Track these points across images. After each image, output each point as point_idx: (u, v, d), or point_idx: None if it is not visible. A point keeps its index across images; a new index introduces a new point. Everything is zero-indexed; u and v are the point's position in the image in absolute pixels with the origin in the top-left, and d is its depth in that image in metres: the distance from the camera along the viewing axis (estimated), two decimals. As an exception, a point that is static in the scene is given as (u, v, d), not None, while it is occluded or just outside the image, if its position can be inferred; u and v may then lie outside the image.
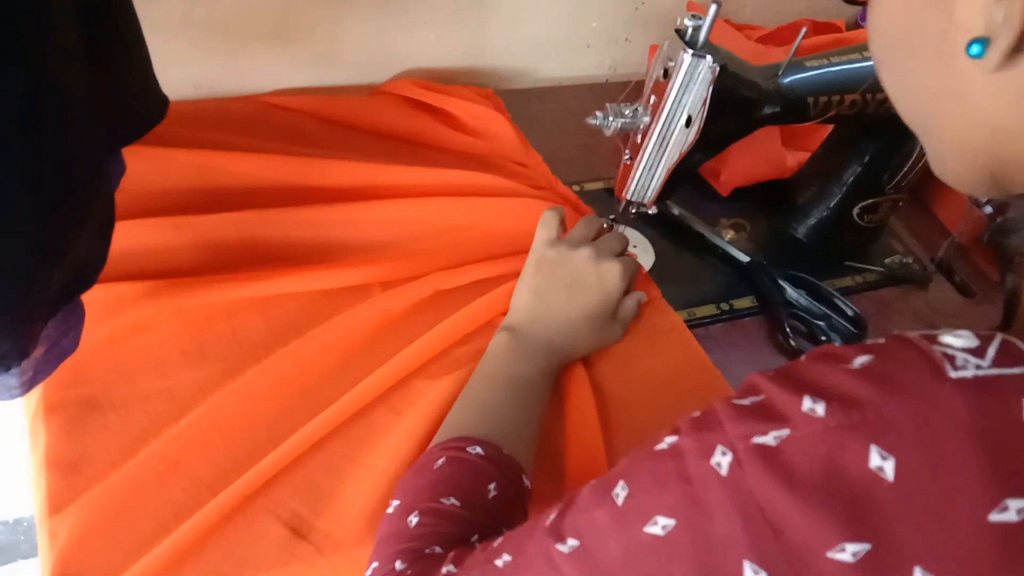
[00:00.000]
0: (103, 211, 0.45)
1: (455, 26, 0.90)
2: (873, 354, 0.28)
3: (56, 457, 0.55)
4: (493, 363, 0.62)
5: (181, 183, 0.71)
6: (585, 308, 0.65)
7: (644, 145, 0.67)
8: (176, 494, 0.54)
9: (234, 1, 0.78)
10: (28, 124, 0.35)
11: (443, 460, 0.51)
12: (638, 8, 0.98)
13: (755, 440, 0.28)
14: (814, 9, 1.09)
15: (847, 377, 0.28)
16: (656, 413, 0.65)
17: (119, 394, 0.58)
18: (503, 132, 0.87)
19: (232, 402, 0.59)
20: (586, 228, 0.70)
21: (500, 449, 0.52)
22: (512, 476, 0.52)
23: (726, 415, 0.30)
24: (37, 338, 0.42)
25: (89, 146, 0.40)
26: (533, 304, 0.66)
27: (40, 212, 0.37)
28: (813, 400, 0.28)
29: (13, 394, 0.50)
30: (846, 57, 0.70)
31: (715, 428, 0.30)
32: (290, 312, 0.66)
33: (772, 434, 0.28)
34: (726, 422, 0.30)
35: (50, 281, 0.41)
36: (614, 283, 0.66)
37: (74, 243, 0.41)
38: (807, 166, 0.87)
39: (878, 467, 0.26)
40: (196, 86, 0.84)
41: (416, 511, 0.48)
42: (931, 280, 0.85)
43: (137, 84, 0.49)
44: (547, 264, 0.67)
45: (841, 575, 0.26)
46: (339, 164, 0.76)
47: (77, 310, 0.50)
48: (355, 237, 0.73)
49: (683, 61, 0.61)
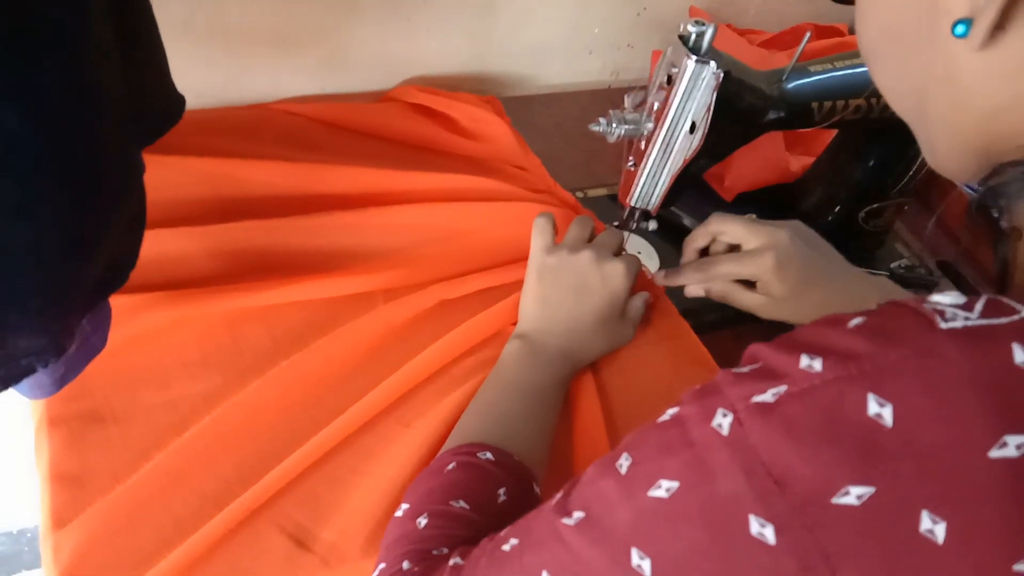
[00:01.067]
0: (134, 205, 0.45)
1: (458, 33, 0.90)
2: (867, 315, 0.29)
3: (59, 471, 0.54)
4: (507, 371, 0.61)
5: (181, 192, 0.71)
6: (594, 311, 0.65)
7: (648, 151, 0.67)
8: (180, 507, 0.54)
9: (236, 8, 0.78)
10: (65, 119, 0.35)
11: (454, 464, 0.51)
12: (640, 14, 0.98)
13: (754, 399, 0.29)
14: (816, 13, 1.09)
15: (843, 334, 0.28)
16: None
17: (121, 407, 0.58)
18: (502, 135, 0.87)
19: (236, 415, 0.59)
20: (580, 230, 0.70)
21: (511, 456, 0.52)
22: (523, 483, 0.52)
23: (726, 382, 0.30)
24: (74, 334, 0.42)
25: (121, 141, 0.41)
26: (542, 312, 0.65)
27: (76, 207, 0.37)
28: (810, 357, 0.28)
29: (45, 391, 0.50)
30: (850, 62, 0.70)
31: (715, 393, 0.30)
32: (292, 322, 0.66)
33: (770, 391, 0.28)
34: (726, 387, 0.30)
35: (86, 276, 0.41)
36: (619, 282, 0.65)
37: (108, 238, 0.41)
38: (811, 171, 0.87)
39: (876, 414, 0.26)
40: (199, 94, 0.84)
41: (425, 513, 0.48)
42: (937, 285, 0.85)
43: (158, 81, 0.50)
44: (549, 271, 0.66)
45: (848, 519, 0.26)
46: (338, 169, 0.76)
47: (105, 309, 0.51)
48: (356, 243, 0.73)
49: (687, 67, 0.61)
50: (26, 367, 0.40)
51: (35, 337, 0.39)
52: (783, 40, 1.01)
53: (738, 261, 0.66)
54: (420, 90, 0.89)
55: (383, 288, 0.70)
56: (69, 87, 0.35)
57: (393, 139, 0.85)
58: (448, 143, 0.86)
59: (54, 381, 0.49)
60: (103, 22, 0.37)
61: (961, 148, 0.36)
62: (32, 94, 0.33)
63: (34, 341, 0.39)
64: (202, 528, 0.52)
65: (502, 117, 0.89)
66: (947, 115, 0.35)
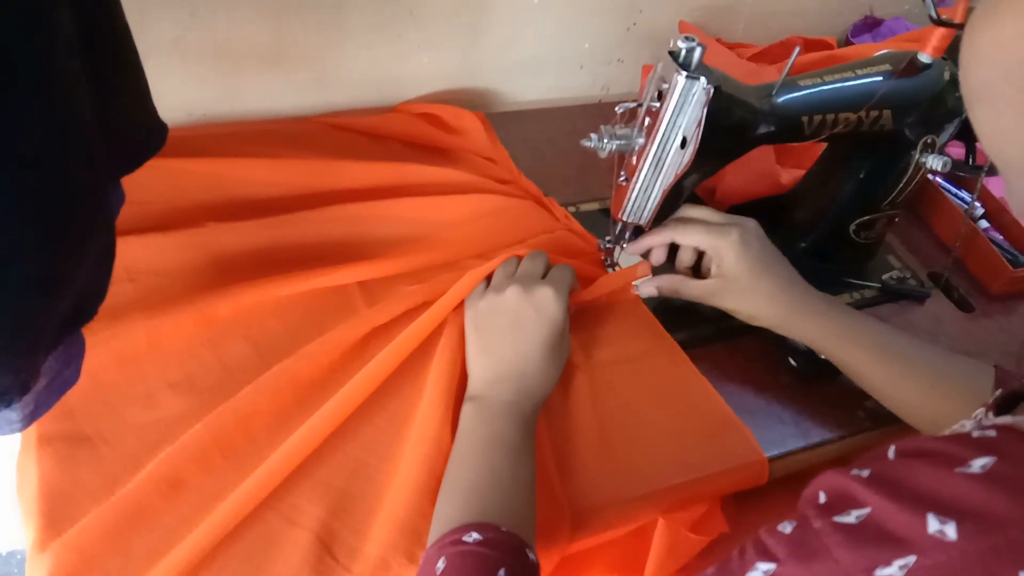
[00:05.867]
0: (104, 241, 0.44)
1: (449, 49, 0.90)
2: (994, 455, 0.25)
3: (49, 490, 0.54)
4: (466, 439, 0.59)
5: (173, 196, 0.72)
6: (538, 343, 0.63)
7: (639, 166, 0.67)
8: (183, 508, 0.54)
9: (226, 26, 0.78)
10: (31, 154, 0.34)
11: (443, 562, 0.48)
12: (630, 28, 0.98)
13: (879, 573, 0.25)
14: (805, 26, 1.09)
15: (973, 485, 0.25)
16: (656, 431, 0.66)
17: (109, 427, 0.58)
18: (471, 127, 0.88)
19: (228, 419, 0.58)
20: (504, 268, 0.69)
21: (498, 528, 0.50)
22: (518, 555, 0.49)
23: (832, 540, 0.27)
24: (39, 371, 0.42)
25: (90, 176, 0.40)
26: (487, 363, 0.64)
27: (41, 244, 0.37)
28: (940, 521, 0.24)
29: (14, 428, 0.49)
30: (840, 75, 0.70)
31: (822, 556, 0.26)
32: (274, 332, 0.66)
33: (897, 563, 0.25)
34: (835, 548, 0.26)
35: (52, 313, 0.40)
36: (552, 307, 0.64)
37: (75, 274, 0.40)
38: (802, 184, 0.87)
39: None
40: (190, 112, 0.84)
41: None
42: (929, 296, 0.85)
43: (135, 111, 0.49)
44: (482, 318, 0.65)
45: None
46: (307, 163, 0.77)
47: (77, 341, 0.49)
48: (327, 239, 0.74)
49: (677, 83, 0.61)
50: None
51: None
52: (772, 53, 1.02)
53: (704, 229, 0.68)
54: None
55: (358, 281, 0.71)
56: (36, 122, 0.34)
57: (364, 132, 0.86)
58: (422, 135, 0.87)
59: (23, 418, 0.47)
60: (69, 53, 0.36)
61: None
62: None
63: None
64: (208, 519, 0.53)
65: (489, 131, 0.89)
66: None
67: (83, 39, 0.37)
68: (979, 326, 0.84)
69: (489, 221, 0.78)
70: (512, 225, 0.79)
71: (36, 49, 0.33)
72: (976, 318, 0.84)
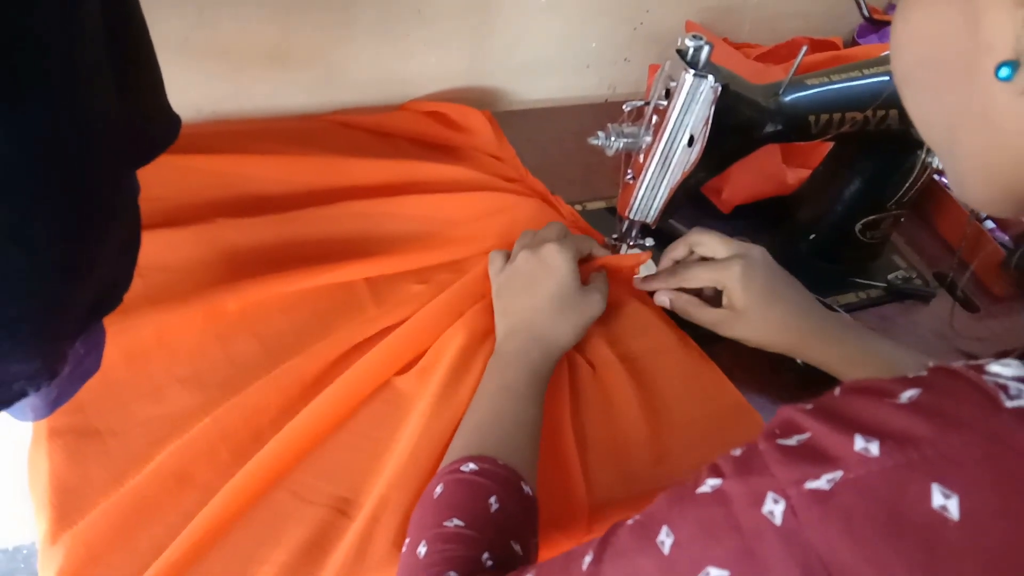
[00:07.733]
0: (128, 229, 0.45)
1: (455, 48, 0.91)
2: (920, 387, 0.27)
3: (59, 483, 0.54)
4: (480, 389, 0.62)
5: (184, 192, 0.72)
6: (547, 296, 0.66)
7: (646, 165, 0.67)
8: (188, 503, 0.54)
9: (234, 25, 0.78)
10: (57, 143, 0.35)
11: (440, 486, 0.51)
12: (636, 28, 0.98)
13: (808, 485, 0.27)
14: (811, 27, 1.09)
15: (897, 413, 0.27)
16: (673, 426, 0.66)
17: (117, 421, 0.58)
18: (478, 126, 0.88)
19: (236, 416, 0.59)
20: (521, 239, 0.72)
21: (495, 460, 0.52)
22: (512, 486, 0.51)
23: (772, 457, 0.29)
24: (66, 357, 0.42)
25: (114, 164, 0.41)
26: (506, 322, 0.67)
27: (69, 232, 0.37)
28: (866, 439, 0.27)
29: (39, 414, 0.50)
30: (846, 75, 0.70)
31: (762, 471, 0.29)
32: (282, 330, 0.66)
33: (825, 477, 0.27)
34: (773, 465, 0.29)
35: (79, 300, 0.41)
36: (557, 260, 0.66)
37: (100, 263, 0.41)
38: (808, 183, 0.87)
39: (941, 506, 0.25)
40: (199, 110, 0.84)
41: (423, 541, 0.47)
42: (934, 296, 0.85)
43: (152, 103, 0.49)
44: (503, 287, 0.69)
45: None
46: (315, 160, 0.78)
47: (98, 330, 0.50)
48: (332, 235, 0.74)
49: (685, 81, 0.61)
50: (18, 391, 0.40)
51: (27, 362, 0.38)
52: (779, 54, 1.02)
53: (708, 267, 0.68)
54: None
55: (365, 278, 0.71)
56: (61, 111, 0.34)
57: (371, 130, 0.86)
58: (429, 132, 0.87)
59: (47, 404, 0.48)
60: (96, 44, 0.37)
61: (992, 185, 0.35)
62: (23, 118, 0.32)
63: (26, 366, 0.39)
64: (215, 500, 0.54)
65: (496, 130, 0.89)
66: (981, 152, 0.34)
67: (107, 31, 0.38)
68: (984, 326, 0.84)
69: (496, 219, 0.78)
70: (519, 223, 0.79)
71: (68, 39, 0.34)
72: (981, 318, 0.84)
